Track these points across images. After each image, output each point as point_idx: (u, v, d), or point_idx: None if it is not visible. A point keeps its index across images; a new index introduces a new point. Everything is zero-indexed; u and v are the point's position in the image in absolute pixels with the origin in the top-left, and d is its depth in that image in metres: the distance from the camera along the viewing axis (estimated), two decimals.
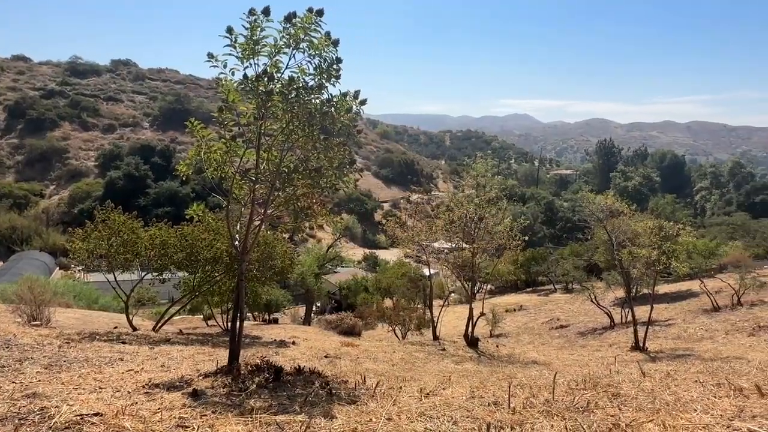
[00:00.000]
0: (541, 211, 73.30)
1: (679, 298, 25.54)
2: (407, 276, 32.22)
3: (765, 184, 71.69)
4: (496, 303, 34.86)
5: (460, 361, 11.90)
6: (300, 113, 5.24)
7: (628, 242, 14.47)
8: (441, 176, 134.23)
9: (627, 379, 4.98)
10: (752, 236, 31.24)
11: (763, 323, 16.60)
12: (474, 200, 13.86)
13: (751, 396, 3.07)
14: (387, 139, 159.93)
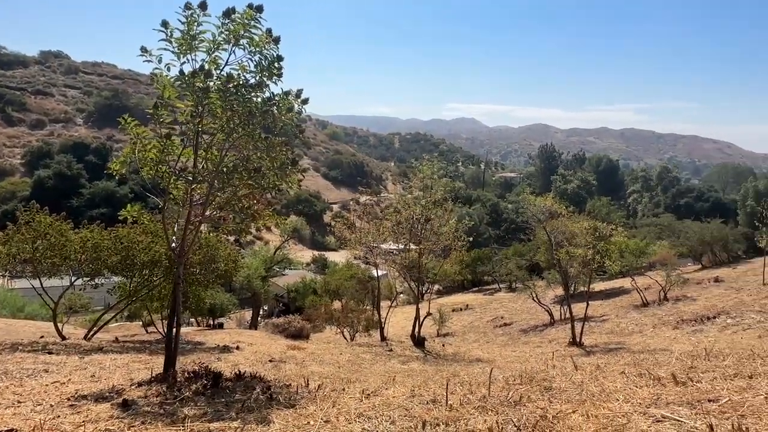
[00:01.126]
0: (487, 212, 75.40)
1: (613, 295, 27.03)
2: (356, 278, 32.21)
3: (689, 188, 77.14)
4: (443, 303, 35.52)
5: (407, 361, 12.01)
6: (240, 111, 5.10)
7: (566, 242, 15.16)
8: (390, 178, 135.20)
9: (561, 373, 5.18)
10: (677, 236, 33.59)
11: (686, 317, 17.88)
12: (421, 202, 14.06)
13: (668, 384, 3.27)
14: (336, 140, 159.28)
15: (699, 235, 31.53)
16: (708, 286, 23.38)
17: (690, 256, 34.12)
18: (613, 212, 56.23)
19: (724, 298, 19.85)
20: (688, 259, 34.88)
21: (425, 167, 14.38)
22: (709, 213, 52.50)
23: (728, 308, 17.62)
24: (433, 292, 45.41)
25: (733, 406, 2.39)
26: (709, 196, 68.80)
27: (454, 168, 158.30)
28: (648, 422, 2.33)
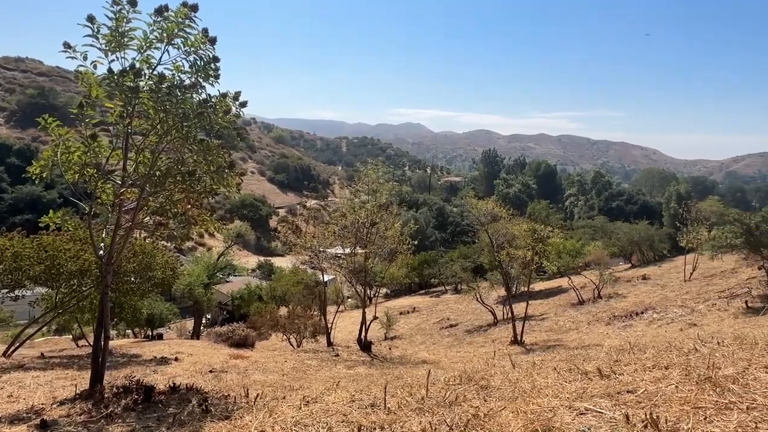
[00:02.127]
0: (433, 216, 76.64)
1: (552, 294, 28.22)
2: (303, 283, 31.74)
3: (620, 192, 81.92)
4: (391, 306, 35.71)
5: (353, 365, 11.97)
6: (174, 113, 4.90)
7: (507, 244, 15.67)
8: (338, 182, 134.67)
9: (499, 372, 5.31)
10: (609, 237, 35.60)
11: (617, 313, 18.96)
12: (366, 206, 14.08)
13: (594, 378, 3.43)
14: (283, 143, 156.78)
15: (628, 236, 33.59)
16: (637, 283, 24.87)
17: (621, 255, 36.24)
18: (552, 215, 58.77)
19: (650, 295, 21.19)
20: (620, 259, 37.02)
21: (370, 171, 14.45)
22: (637, 215, 56.08)
23: (654, 304, 18.82)
24: (380, 296, 45.65)
25: (648, 396, 2.54)
26: (637, 199, 73.47)
27: (401, 172, 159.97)
28: (572, 415, 2.43)
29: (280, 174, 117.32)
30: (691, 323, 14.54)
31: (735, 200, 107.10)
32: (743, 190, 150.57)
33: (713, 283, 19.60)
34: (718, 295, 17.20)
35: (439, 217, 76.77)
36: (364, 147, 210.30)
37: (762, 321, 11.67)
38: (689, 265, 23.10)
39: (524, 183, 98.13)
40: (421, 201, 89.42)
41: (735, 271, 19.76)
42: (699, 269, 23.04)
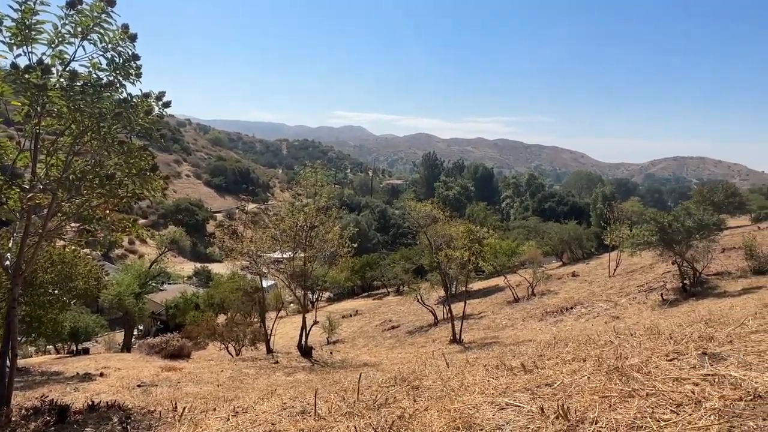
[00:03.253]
0: (375, 218, 77.02)
1: (489, 293, 29.14)
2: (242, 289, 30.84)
3: (551, 193, 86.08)
4: (333, 310, 35.47)
5: (293, 372, 11.76)
6: (90, 112, 4.60)
7: (445, 245, 16.02)
8: (278, 185, 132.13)
9: (433, 372, 5.38)
10: (542, 236, 37.36)
11: (549, 309, 19.89)
12: (304, 209, 13.90)
13: (518, 373, 3.56)
14: (220, 146, 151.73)
15: (559, 235, 35.38)
16: (567, 280, 26.21)
17: (553, 254, 38.10)
18: (490, 216, 60.75)
19: (579, 291, 22.40)
20: (552, 257, 38.91)
21: (308, 174, 14.28)
22: (567, 215, 59.22)
23: (582, 299, 19.91)
24: (323, 300, 45.23)
25: (564, 388, 2.67)
26: (567, 200, 77.49)
27: (343, 175, 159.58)
28: (493, 410, 2.51)
29: (217, 177, 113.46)
30: (615, 316, 15.51)
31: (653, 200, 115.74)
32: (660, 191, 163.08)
33: (634, 278, 21.03)
34: (638, 289, 18.48)
35: (381, 219, 77.26)
36: (306, 150, 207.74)
37: (673, 312, 12.65)
38: (613, 262, 24.65)
39: (463, 185, 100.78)
40: (363, 204, 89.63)
41: (652, 267, 21.30)
42: (621, 265, 24.63)
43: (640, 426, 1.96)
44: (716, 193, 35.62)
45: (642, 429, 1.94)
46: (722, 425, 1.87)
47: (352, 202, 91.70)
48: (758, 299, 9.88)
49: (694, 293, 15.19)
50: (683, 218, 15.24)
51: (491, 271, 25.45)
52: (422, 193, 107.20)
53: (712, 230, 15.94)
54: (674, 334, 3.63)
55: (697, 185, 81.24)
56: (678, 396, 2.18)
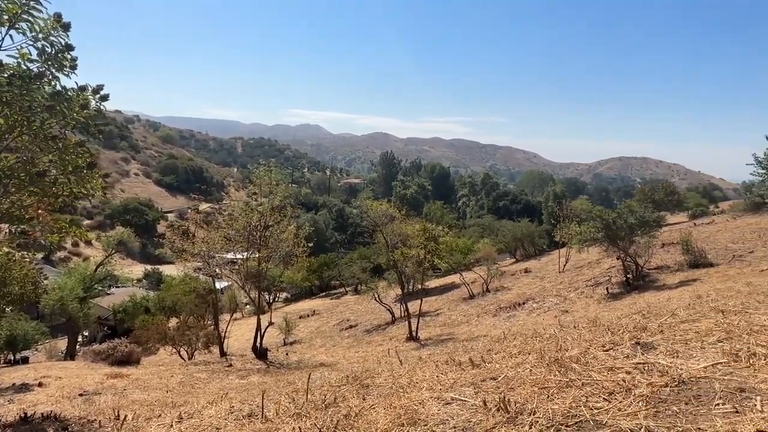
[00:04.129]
0: (333, 217, 76.65)
1: (446, 290, 29.57)
2: (195, 291, 29.95)
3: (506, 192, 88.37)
4: (290, 310, 35.00)
5: (247, 375, 11.51)
6: (20, 105, 4.32)
7: (401, 244, 16.13)
8: (233, 184, 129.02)
9: (387, 369, 5.40)
10: (496, 234, 38.30)
11: (503, 305, 20.40)
12: (258, 209, 13.63)
13: (467, 368, 3.62)
14: (171, 143, 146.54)
15: (512, 233, 36.37)
16: (520, 276, 26.96)
17: (507, 251, 39.11)
18: (446, 215, 61.67)
19: (531, 286, 23.09)
20: (506, 254, 39.94)
21: (262, 173, 14.01)
22: (521, 213, 60.98)
23: (534, 295, 20.54)
24: (280, 300, 44.56)
25: (507, 381, 2.74)
26: (521, 199, 79.79)
27: (300, 174, 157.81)
28: (439, 406, 2.54)
29: (168, 176, 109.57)
30: (564, 310, 16.09)
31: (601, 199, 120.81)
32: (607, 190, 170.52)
33: (582, 273, 21.88)
34: (586, 283, 19.25)
35: (339, 218, 76.93)
36: (261, 148, 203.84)
37: (617, 305, 13.26)
38: (563, 258, 25.56)
39: (420, 184, 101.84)
40: (321, 203, 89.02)
41: (599, 262, 22.24)
42: (571, 261, 25.57)
43: (574, 415, 2.04)
44: (657, 191, 37.63)
45: (576, 417, 2.01)
46: (649, 410, 1.97)
47: (310, 201, 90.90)
48: (692, 291, 10.50)
49: (636, 286, 15.97)
50: (626, 215, 16.00)
51: (447, 269, 25.82)
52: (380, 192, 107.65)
53: (653, 227, 16.82)
54: (612, 325, 3.80)
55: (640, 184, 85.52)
56: (611, 384, 2.28)
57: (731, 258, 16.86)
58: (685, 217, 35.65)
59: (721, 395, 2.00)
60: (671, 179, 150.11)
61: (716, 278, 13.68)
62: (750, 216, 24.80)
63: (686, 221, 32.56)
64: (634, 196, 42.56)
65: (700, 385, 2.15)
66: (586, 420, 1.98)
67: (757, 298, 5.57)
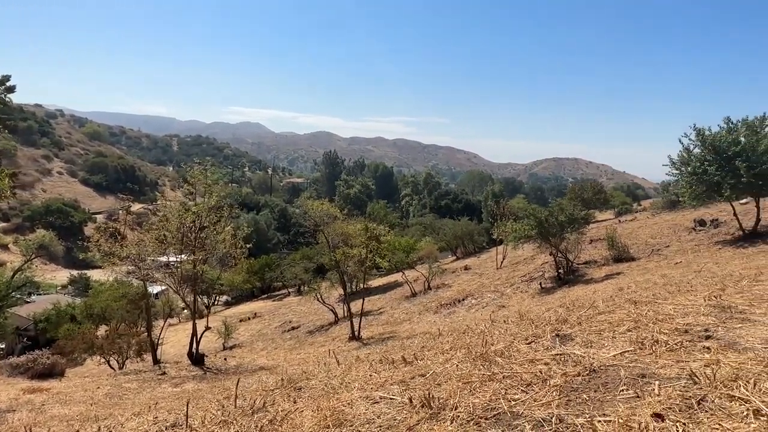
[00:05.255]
0: (275, 218, 75.18)
1: (389, 289, 29.82)
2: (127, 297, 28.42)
3: (447, 191, 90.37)
4: (230, 314, 34.00)
5: (181, 382, 11.04)
6: None
7: (342, 243, 16.09)
8: (168, 184, 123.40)
9: (323, 371, 5.36)
10: (438, 233, 39.10)
11: (444, 302, 20.86)
12: (192, 209, 13.10)
13: (399, 366, 3.66)
14: (99, 140, 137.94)
15: (453, 231, 37.29)
16: (460, 274, 27.66)
17: (448, 249, 40.02)
18: (390, 214, 62.23)
19: (471, 283, 23.75)
20: (448, 252, 40.87)
21: (197, 172, 13.47)
22: (461, 212, 62.60)
23: (473, 291, 21.14)
24: (220, 304, 43.15)
25: (434, 377, 2.79)
26: (462, 198, 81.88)
27: (241, 173, 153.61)
28: (367, 405, 2.55)
29: (96, 175, 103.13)
30: (501, 305, 16.68)
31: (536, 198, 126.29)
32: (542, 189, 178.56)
33: (518, 269, 22.78)
34: (521, 279, 20.06)
35: (281, 218, 75.58)
36: (199, 146, 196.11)
37: (548, 299, 13.92)
38: (500, 255, 26.49)
39: (364, 184, 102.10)
40: (263, 203, 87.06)
41: (533, 258, 23.24)
42: (508, 258, 26.55)
43: (493, 407, 2.11)
44: (586, 190, 39.88)
45: (495, 410, 2.08)
46: (561, 399, 2.07)
47: (251, 201, 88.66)
48: (615, 284, 11.22)
49: (567, 281, 16.85)
50: (557, 213, 16.82)
51: (390, 268, 26.05)
52: (324, 192, 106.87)
53: (581, 224, 17.80)
54: (537, 319, 3.98)
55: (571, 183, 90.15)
56: (529, 376, 2.38)
57: (650, 252, 18.16)
58: (611, 215, 37.97)
59: (625, 382, 2.14)
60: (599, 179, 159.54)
61: (637, 271, 14.69)
62: (667, 213, 26.86)
63: (612, 218, 34.71)
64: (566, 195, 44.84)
65: (609, 372, 2.29)
66: (504, 412, 2.05)
67: (668, 289, 6.03)
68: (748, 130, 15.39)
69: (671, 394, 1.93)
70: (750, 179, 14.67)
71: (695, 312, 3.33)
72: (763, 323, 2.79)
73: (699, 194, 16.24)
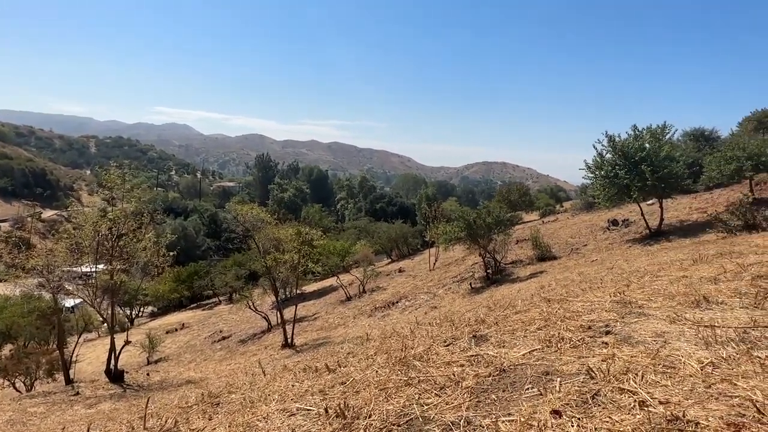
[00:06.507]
0: (205, 223, 72.16)
1: (324, 293, 29.53)
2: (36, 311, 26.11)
3: (382, 195, 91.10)
4: (156, 325, 32.16)
5: (96, 403, 10.25)
6: None
7: (274, 249, 15.71)
8: (86, 188, 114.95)
9: (248, 382, 5.19)
10: (373, 236, 39.28)
11: (378, 305, 20.95)
12: (108, 215, 12.24)
13: (323, 374, 3.60)
14: (4, 141, 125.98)
15: (387, 234, 37.63)
16: (394, 276, 27.94)
17: (383, 251, 40.31)
18: (325, 218, 61.70)
19: (405, 285, 24.05)
20: (383, 255, 41.15)
21: (113, 176, 12.60)
22: (396, 215, 63.30)
23: (407, 293, 21.42)
24: (145, 315, 40.70)
25: (353, 385, 2.77)
26: (396, 201, 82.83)
27: (167, 177, 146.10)
28: (283, 418, 2.48)
29: (0, 179, 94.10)
30: (433, 306, 17.02)
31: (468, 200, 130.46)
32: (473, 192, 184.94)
33: (450, 271, 23.37)
34: (452, 280, 20.59)
35: (211, 224, 72.62)
36: (120, 148, 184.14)
37: (477, 298, 14.39)
38: (433, 257, 27.06)
39: (298, 188, 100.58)
40: (191, 208, 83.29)
41: (464, 259, 23.96)
42: (440, 260, 27.17)
43: (406, 413, 2.12)
44: (512, 193, 41.73)
45: (407, 416, 2.09)
46: (472, 401, 2.12)
47: (178, 206, 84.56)
48: (538, 282, 11.79)
49: (495, 280, 17.50)
50: (484, 216, 17.45)
51: (323, 272, 25.81)
52: (257, 196, 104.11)
53: (507, 225, 18.58)
54: (459, 320, 4.07)
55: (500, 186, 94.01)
56: (443, 379, 2.42)
57: (570, 251, 19.30)
58: (536, 216, 39.97)
59: (531, 380, 2.23)
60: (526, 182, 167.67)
61: (558, 269, 15.54)
62: (585, 214, 28.69)
63: (537, 219, 36.54)
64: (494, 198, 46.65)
65: (517, 372, 2.38)
66: (417, 417, 2.06)
67: (581, 286, 6.41)
68: (651, 137, 16.79)
69: (570, 390, 2.03)
70: (654, 182, 16.01)
71: (600, 308, 3.55)
72: (656, 317, 3.02)
73: (611, 196, 17.47)
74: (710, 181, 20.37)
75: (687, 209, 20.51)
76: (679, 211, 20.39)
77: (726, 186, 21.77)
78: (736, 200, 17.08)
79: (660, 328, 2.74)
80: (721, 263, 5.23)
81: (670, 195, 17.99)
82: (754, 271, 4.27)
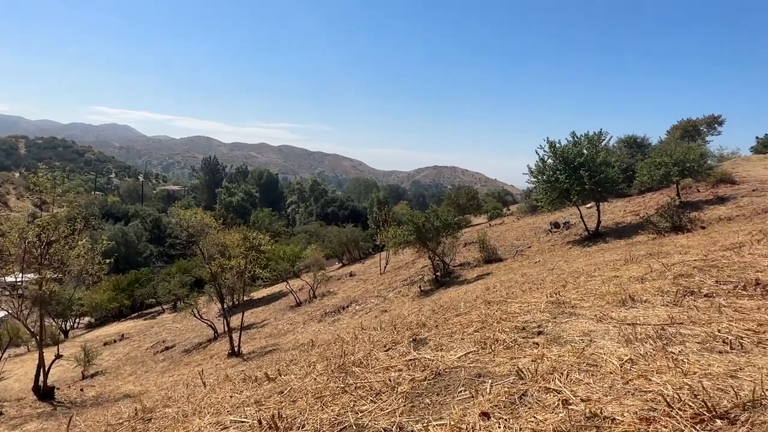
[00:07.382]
0: (148, 228, 69.00)
1: (273, 299, 28.97)
2: None
3: (333, 198, 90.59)
4: (93, 337, 30.46)
5: (22, 423, 9.53)
6: None
7: (219, 255, 15.26)
8: (14, 192, 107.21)
9: (185, 395, 4.99)
10: (323, 240, 38.95)
11: (328, 310, 20.79)
12: (36, 221, 11.45)
13: (263, 384, 3.51)
14: None
15: (338, 238, 37.43)
16: (345, 280, 27.85)
17: (334, 255, 40.03)
18: (275, 222, 60.55)
19: (355, 289, 24.01)
20: (334, 259, 40.86)
21: (42, 179, 11.81)
22: (348, 219, 63.09)
23: (358, 297, 21.39)
24: (81, 326, 38.37)
25: (291, 394, 2.72)
26: (348, 205, 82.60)
27: (106, 180, 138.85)
28: (215, 431, 2.39)
29: None
30: (383, 310, 17.07)
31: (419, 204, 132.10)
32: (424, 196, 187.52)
33: (400, 274, 23.56)
34: (403, 283, 20.76)
35: (154, 229, 69.49)
36: (54, 149, 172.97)
37: (426, 301, 14.57)
38: (383, 261, 27.18)
39: (247, 191, 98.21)
40: (132, 212, 79.48)
41: (414, 262, 24.22)
42: (391, 263, 27.34)
43: (341, 422, 2.10)
44: (461, 196, 42.64)
45: (341, 424, 2.07)
46: (406, 406, 2.13)
47: (118, 210, 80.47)
48: (484, 284, 12.09)
49: (443, 283, 17.79)
50: (433, 219, 17.72)
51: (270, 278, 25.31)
52: (203, 200, 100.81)
53: (455, 228, 18.95)
54: (401, 324, 4.10)
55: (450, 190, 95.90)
56: (380, 385, 2.42)
57: (515, 253, 19.94)
58: (484, 219, 41.01)
59: (464, 383, 2.27)
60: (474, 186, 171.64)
61: (503, 271, 16.00)
62: (529, 216, 29.73)
63: (485, 222, 37.51)
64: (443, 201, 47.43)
65: (452, 375, 2.41)
66: (351, 425, 2.05)
67: (523, 287, 6.62)
68: (589, 143, 17.66)
69: (500, 391, 2.08)
70: (591, 186, 16.83)
71: (536, 309, 3.67)
72: (586, 316, 3.16)
73: (553, 200, 18.22)
74: (642, 185, 21.64)
75: (622, 212, 21.70)
76: (615, 214, 21.54)
77: (656, 190, 23.22)
78: (665, 203, 18.25)
79: (588, 327, 2.86)
80: (648, 263, 5.55)
81: (607, 198, 18.98)
82: (676, 270, 4.56)
